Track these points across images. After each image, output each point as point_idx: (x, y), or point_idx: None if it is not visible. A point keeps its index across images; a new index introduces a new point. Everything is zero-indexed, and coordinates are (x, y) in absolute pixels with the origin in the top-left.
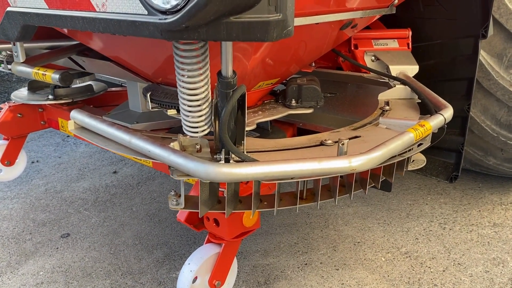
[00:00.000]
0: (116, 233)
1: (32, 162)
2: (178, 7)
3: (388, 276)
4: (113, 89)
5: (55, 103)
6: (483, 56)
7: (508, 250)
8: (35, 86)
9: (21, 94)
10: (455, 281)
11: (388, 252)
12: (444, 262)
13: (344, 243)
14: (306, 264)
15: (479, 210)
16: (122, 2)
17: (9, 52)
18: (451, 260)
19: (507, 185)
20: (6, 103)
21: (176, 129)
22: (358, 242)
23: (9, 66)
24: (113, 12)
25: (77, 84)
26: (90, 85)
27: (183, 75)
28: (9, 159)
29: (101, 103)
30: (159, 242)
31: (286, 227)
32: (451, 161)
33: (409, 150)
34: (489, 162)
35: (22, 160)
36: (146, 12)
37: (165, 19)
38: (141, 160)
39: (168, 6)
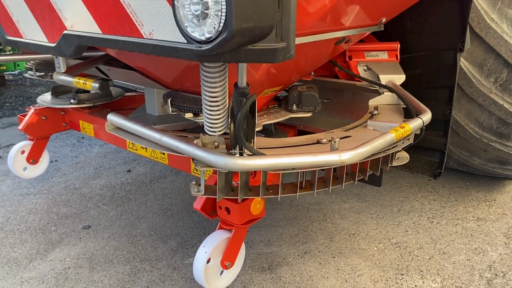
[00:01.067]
0: (133, 225)
1: (51, 162)
2: (211, 39)
3: (379, 263)
4: (128, 94)
5: (77, 107)
6: (466, 65)
7: (489, 241)
8: (58, 91)
9: (46, 99)
10: (439, 268)
11: (380, 243)
12: (430, 251)
13: (340, 235)
14: (305, 252)
15: (465, 206)
16: (166, 32)
17: (37, 61)
18: (436, 249)
19: (492, 184)
20: (32, 106)
21: (189, 130)
22: (353, 234)
23: (37, 73)
24: (158, 40)
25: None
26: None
27: (207, 86)
28: (34, 157)
29: (118, 107)
30: (172, 233)
31: (288, 220)
32: (435, 159)
33: (394, 147)
34: (474, 162)
35: (45, 159)
36: (185, 41)
37: (201, 47)
38: (157, 158)
39: (203, 38)
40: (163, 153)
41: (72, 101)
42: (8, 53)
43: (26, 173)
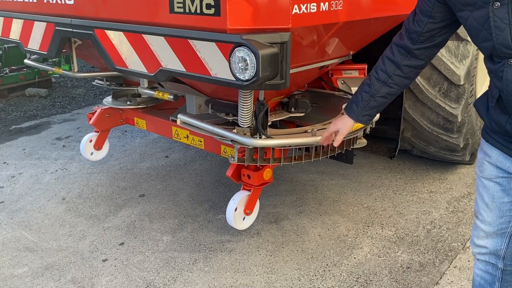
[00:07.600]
0: (176, 194)
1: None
2: (249, 79)
3: (353, 219)
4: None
5: (133, 108)
6: (418, 79)
7: (435, 206)
8: (116, 96)
9: (109, 101)
10: (395, 222)
11: (355, 206)
12: (390, 212)
13: (327, 201)
14: (301, 212)
15: (422, 183)
16: (225, 74)
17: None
18: (395, 211)
19: (447, 167)
20: (98, 106)
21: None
22: (336, 201)
23: (107, 83)
24: (220, 77)
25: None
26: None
27: (243, 100)
28: (99, 145)
29: (160, 107)
30: (205, 199)
31: (289, 192)
32: (392, 146)
33: (354, 134)
34: (430, 150)
35: (106, 146)
36: (235, 80)
37: (243, 83)
38: (196, 144)
39: (244, 79)
40: (200, 140)
41: (128, 103)
42: (52, 60)
43: (93, 156)
